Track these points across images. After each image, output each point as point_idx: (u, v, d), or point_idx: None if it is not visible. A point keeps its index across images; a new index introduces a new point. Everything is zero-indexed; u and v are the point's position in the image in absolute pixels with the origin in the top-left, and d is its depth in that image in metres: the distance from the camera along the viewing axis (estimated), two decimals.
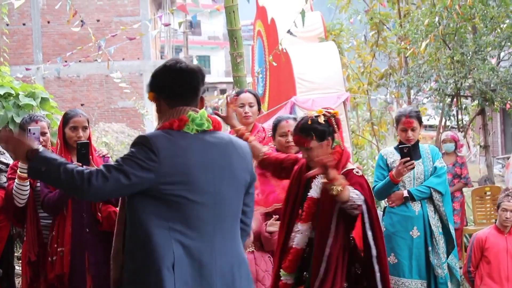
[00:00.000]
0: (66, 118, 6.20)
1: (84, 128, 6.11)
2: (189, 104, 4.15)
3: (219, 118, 4.67)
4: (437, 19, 16.83)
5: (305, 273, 5.15)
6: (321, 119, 5.12)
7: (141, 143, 3.97)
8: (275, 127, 6.66)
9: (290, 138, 6.31)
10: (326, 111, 5.27)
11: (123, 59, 26.40)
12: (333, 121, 5.25)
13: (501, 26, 17.22)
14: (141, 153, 3.90)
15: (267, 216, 6.05)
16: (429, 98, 18.34)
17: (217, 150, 4.08)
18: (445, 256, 7.20)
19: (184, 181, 3.93)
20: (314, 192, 5.16)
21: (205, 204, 3.97)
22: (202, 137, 4.06)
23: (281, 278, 5.14)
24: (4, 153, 7.25)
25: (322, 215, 5.10)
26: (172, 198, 3.91)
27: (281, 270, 5.14)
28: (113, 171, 3.87)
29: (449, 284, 7.24)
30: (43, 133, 6.54)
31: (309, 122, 5.11)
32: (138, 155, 3.91)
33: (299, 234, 5.14)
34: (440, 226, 7.17)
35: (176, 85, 4.18)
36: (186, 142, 3.99)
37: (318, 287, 4.99)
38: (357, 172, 5.34)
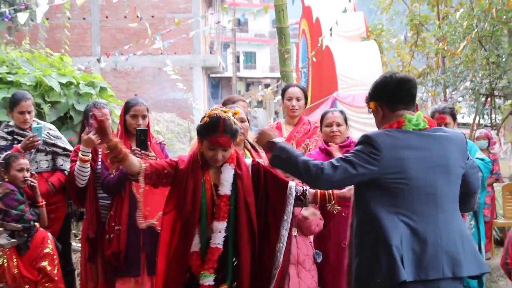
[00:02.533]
0: (128, 106, 6.22)
1: (144, 117, 6.13)
2: (408, 108, 4.56)
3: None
4: (475, 21, 16.71)
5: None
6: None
7: (365, 141, 4.41)
8: (322, 119, 6.70)
9: (335, 128, 6.52)
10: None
11: (175, 53, 26.46)
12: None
13: None
14: (366, 149, 4.36)
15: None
16: (464, 97, 18.25)
17: (432, 143, 4.43)
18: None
19: (403, 171, 4.32)
20: (226, 189, 4.92)
21: (424, 191, 4.35)
22: (418, 133, 4.44)
23: (202, 281, 4.85)
24: (60, 138, 7.32)
25: (238, 211, 4.99)
26: (394, 186, 4.33)
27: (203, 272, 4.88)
28: (342, 162, 4.37)
29: None
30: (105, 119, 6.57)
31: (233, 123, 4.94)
32: (363, 150, 4.38)
33: (217, 233, 4.90)
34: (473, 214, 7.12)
35: (397, 93, 4.58)
36: (404, 137, 4.40)
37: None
38: None
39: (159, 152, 6.19)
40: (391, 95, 4.61)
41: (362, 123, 7.51)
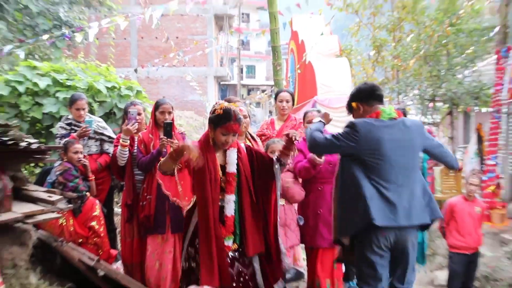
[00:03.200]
0: (157, 105, 6.23)
1: (169, 113, 6.14)
2: (381, 104, 5.12)
3: None
4: (421, 44, 16.75)
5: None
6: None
7: (350, 126, 4.92)
8: (304, 116, 6.84)
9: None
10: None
11: (193, 65, 26.42)
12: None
13: (467, 51, 17.03)
14: (350, 131, 4.91)
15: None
16: (413, 101, 18.30)
17: (400, 129, 4.92)
18: None
19: (378, 150, 4.83)
20: (233, 168, 4.88)
21: (393, 164, 4.84)
22: (390, 122, 4.93)
23: (226, 243, 4.79)
24: (106, 128, 7.37)
25: (241, 186, 4.96)
26: (371, 160, 4.85)
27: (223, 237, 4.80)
28: (332, 137, 4.96)
29: None
30: (138, 114, 6.59)
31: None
32: (347, 131, 4.92)
33: (229, 204, 4.86)
34: None
35: (372, 93, 5.15)
36: (379, 124, 4.90)
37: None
38: None
39: (180, 139, 6.18)
40: (368, 95, 5.14)
41: (335, 121, 7.50)
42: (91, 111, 8.42)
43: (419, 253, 7.22)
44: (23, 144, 5.06)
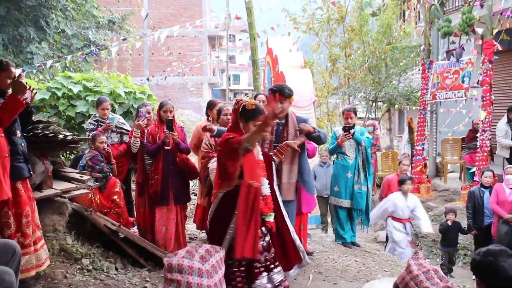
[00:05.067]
0: (161, 105, 6.17)
1: (170, 111, 6.07)
2: None
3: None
4: (366, 58, 16.77)
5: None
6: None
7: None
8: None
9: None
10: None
11: (192, 75, 26.24)
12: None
13: (400, 64, 17.12)
14: None
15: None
16: (360, 102, 18.34)
17: None
18: (364, 183, 7.15)
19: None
20: (260, 155, 4.43)
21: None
22: None
23: (267, 219, 4.35)
24: (125, 124, 7.38)
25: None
26: None
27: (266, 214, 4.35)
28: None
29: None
30: (148, 112, 6.55)
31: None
32: None
33: (265, 185, 4.38)
34: (364, 168, 7.11)
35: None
36: None
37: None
38: None
39: (180, 132, 6.16)
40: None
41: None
42: (113, 111, 8.45)
43: (364, 216, 7.26)
44: (61, 136, 5.08)
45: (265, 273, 4.27)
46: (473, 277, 3.30)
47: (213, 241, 4.32)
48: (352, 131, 6.94)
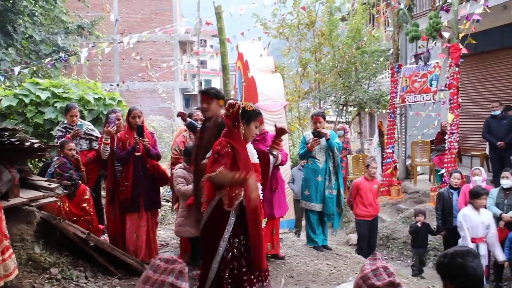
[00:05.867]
0: (130, 111, 6.17)
1: (139, 117, 6.06)
2: None
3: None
4: (336, 63, 16.93)
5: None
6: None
7: None
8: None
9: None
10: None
11: (163, 80, 26.16)
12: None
13: (370, 68, 17.36)
14: None
15: None
16: (331, 106, 18.44)
17: None
18: (334, 187, 7.19)
19: None
20: (256, 158, 4.32)
21: None
22: None
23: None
24: (94, 130, 7.30)
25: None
26: None
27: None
28: None
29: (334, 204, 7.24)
30: (118, 119, 6.50)
31: None
32: None
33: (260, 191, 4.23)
34: (334, 172, 7.15)
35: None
36: None
37: None
38: None
39: (150, 138, 6.15)
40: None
41: (271, 121, 7.53)
42: (82, 117, 8.31)
43: (337, 220, 7.31)
44: (27, 143, 4.98)
45: (258, 284, 4.24)
46: None
47: (206, 250, 4.27)
48: (327, 134, 6.95)
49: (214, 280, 4.14)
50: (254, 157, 4.36)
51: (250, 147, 4.38)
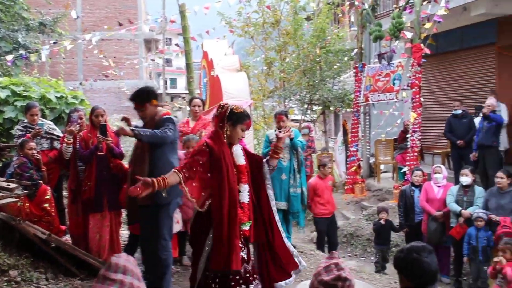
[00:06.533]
0: (93, 110, 6.08)
1: (102, 116, 5.99)
2: None
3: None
4: (301, 62, 17.01)
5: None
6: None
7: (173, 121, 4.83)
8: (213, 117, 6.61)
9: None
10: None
11: (128, 79, 25.86)
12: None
13: (334, 67, 17.54)
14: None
15: None
16: (296, 105, 18.54)
17: None
18: (299, 185, 7.22)
19: None
20: (243, 160, 4.29)
21: None
22: None
23: (243, 228, 4.19)
24: (55, 129, 7.16)
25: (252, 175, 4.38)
26: None
27: (242, 222, 4.16)
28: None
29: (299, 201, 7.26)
30: (80, 118, 6.41)
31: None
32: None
33: (245, 193, 4.23)
34: (298, 171, 7.17)
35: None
36: None
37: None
38: None
39: (114, 137, 6.05)
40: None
41: None
42: (44, 116, 8.19)
43: (301, 219, 7.36)
44: None
45: (244, 286, 4.17)
46: None
47: (193, 249, 4.31)
48: (292, 134, 6.95)
49: (201, 281, 4.17)
50: (240, 159, 4.31)
51: (237, 149, 4.34)
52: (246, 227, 4.24)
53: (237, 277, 4.12)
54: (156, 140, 4.62)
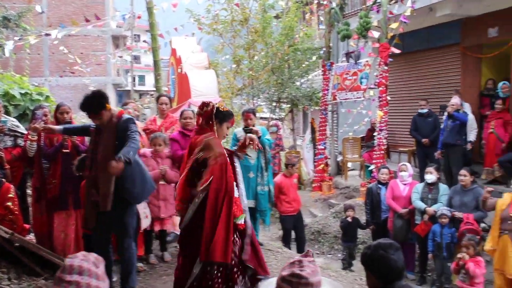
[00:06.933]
0: (57, 107, 5.99)
1: (67, 113, 5.89)
2: None
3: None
4: (270, 60, 17.04)
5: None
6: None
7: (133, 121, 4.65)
8: (181, 114, 6.61)
9: (188, 120, 6.39)
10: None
11: (95, 75, 25.55)
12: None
13: (303, 65, 17.54)
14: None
15: None
16: (264, 103, 18.57)
17: None
18: (266, 183, 7.21)
19: None
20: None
21: None
22: None
23: (237, 222, 4.28)
24: (19, 126, 6.98)
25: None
26: None
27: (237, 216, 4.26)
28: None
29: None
30: (45, 115, 6.28)
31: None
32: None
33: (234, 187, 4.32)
34: (266, 169, 7.17)
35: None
36: None
37: None
38: None
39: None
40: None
41: None
42: (7, 113, 7.98)
43: (267, 217, 7.36)
44: None
45: (241, 277, 4.29)
46: None
47: (185, 248, 4.35)
48: (259, 132, 6.94)
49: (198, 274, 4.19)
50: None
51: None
52: (240, 220, 4.34)
53: (236, 269, 4.25)
54: (136, 151, 4.61)
